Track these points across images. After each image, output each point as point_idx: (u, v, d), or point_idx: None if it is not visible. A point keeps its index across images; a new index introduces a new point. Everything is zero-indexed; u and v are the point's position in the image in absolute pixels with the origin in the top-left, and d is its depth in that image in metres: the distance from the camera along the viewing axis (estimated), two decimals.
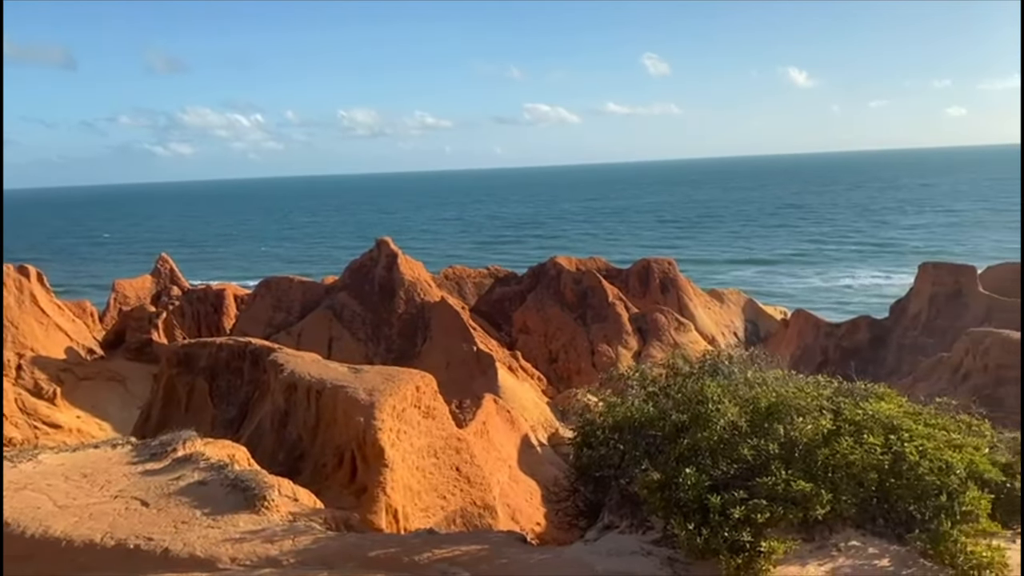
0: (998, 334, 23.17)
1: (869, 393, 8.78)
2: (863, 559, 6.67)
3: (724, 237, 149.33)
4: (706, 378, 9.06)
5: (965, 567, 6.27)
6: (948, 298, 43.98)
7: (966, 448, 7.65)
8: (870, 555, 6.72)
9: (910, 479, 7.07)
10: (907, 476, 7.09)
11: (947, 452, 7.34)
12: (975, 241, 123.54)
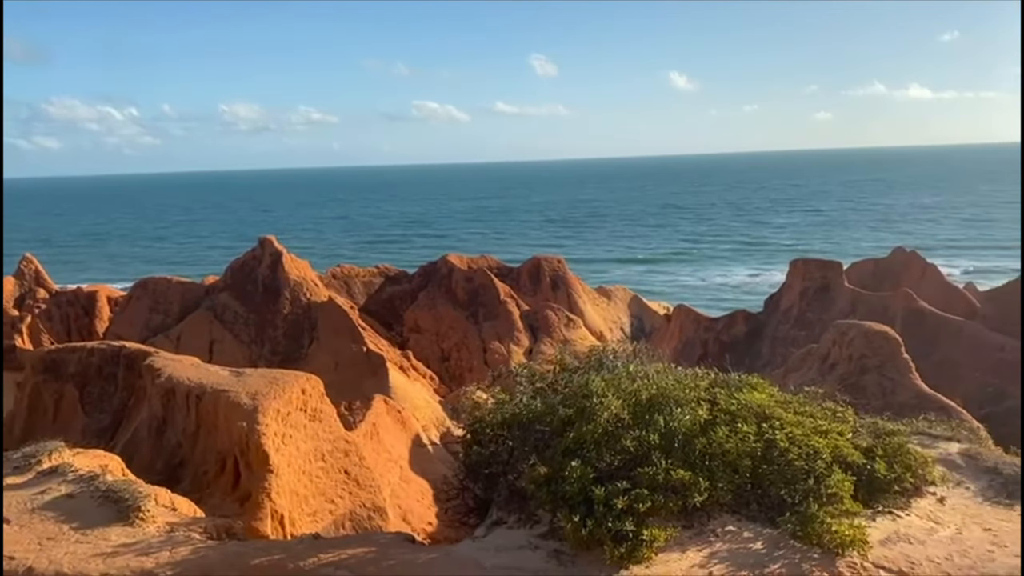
0: (861, 326, 24.77)
1: (743, 384, 9.21)
2: (738, 543, 6.99)
3: (610, 236, 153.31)
4: (592, 373, 9.26)
5: (831, 546, 6.67)
6: (817, 292, 46.60)
7: (831, 434, 8.15)
8: (745, 539, 7.05)
9: (781, 465, 7.46)
10: (778, 462, 7.48)
11: (814, 438, 7.80)
12: (840, 239, 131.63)
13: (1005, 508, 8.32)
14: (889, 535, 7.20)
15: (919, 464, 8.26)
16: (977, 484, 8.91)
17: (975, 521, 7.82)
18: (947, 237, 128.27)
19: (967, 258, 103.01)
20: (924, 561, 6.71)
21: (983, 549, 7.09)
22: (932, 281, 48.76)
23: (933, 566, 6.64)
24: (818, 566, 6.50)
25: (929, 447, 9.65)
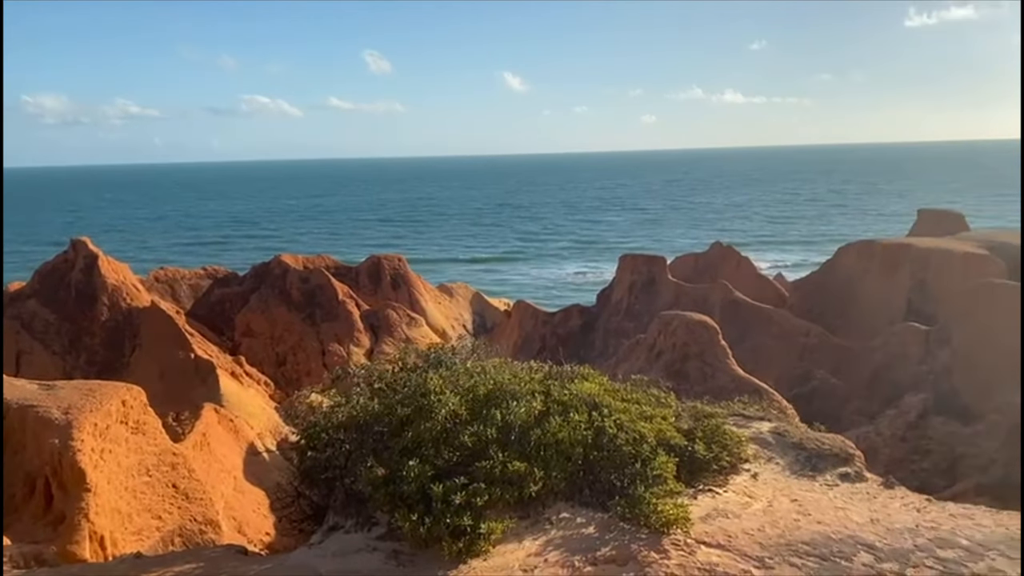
0: (683, 316, 26.31)
1: (575, 375, 9.56)
2: (572, 529, 7.25)
3: (450, 234, 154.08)
4: (430, 371, 9.28)
5: (656, 525, 7.04)
6: (644, 286, 48.98)
7: (656, 418, 8.61)
8: (578, 524, 7.32)
9: (610, 450, 7.80)
10: (608, 448, 7.81)
11: (640, 423, 8.21)
12: (663, 235, 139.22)
13: (808, 479, 9.13)
14: (709, 511, 7.70)
15: (734, 443, 8.90)
16: (785, 459, 9.70)
17: (783, 493, 8.52)
18: (758, 232, 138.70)
19: (775, 252, 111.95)
20: (740, 533, 7.23)
21: (791, 519, 7.73)
22: (746, 273, 52.62)
23: (748, 537, 7.17)
24: (645, 545, 6.85)
25: (744, 427, 10.40)
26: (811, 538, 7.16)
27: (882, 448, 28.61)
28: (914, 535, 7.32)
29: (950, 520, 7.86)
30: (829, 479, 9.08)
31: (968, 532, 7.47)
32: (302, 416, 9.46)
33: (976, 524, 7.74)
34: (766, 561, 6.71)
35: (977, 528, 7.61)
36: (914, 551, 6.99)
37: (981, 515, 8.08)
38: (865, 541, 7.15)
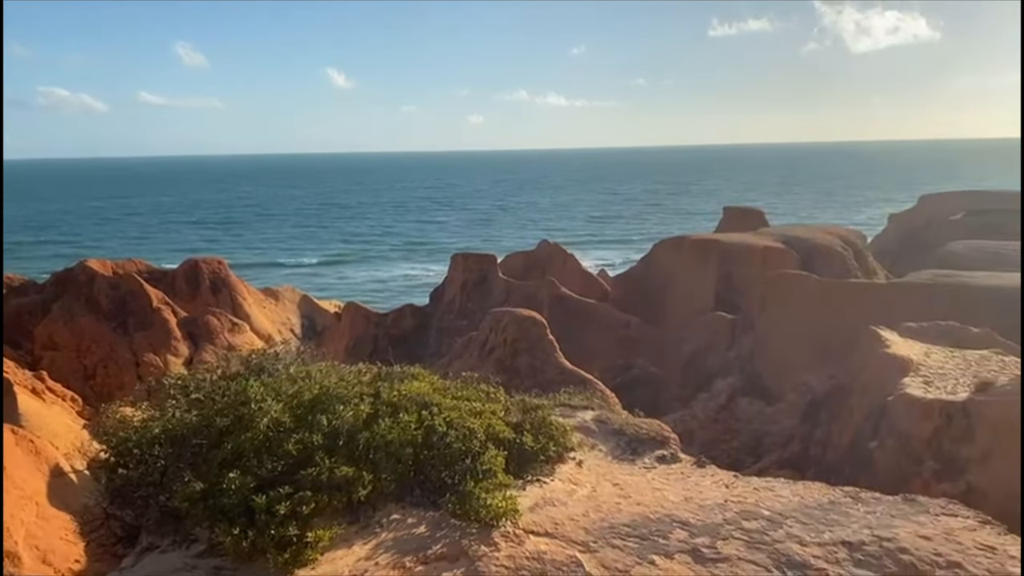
0: (513, 312, 26.92)
1: (405, 375, 9.52)
2: (403, 530, 7.21)
3: (273, 235, 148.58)
4: (251, 379, 8.91)
5: (486, 519, 7.15)
6: (476, 284, 49.57)
7: (485, 414, 8.73)
8: (409, 525, 7.29)
9: (440, 448, 7.83)
10: (438, 446, 7.84)
11: (469, 419, 8.30)
12: (493, 234, 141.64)
13: (629, 464, 9.61)
14: (537, 501, 7.92)
15: (560, 433, 9.21)
16: (607, 445, 10.16)
17: (606, 478, 8.91)
18: (582, 231, 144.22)
19: (598, 249, 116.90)
20: (566, 520, 7.48)
21: (613, 502, 8.10)
22: (572, 270, 54.52)
23: (573, 524, 7.43)
24: (476, 539, 6.93)
25: (569, 417, 10.78)
26: (631, 520, 7.54)
27: (697, 430, 30.61)
28: (723, 510, 7.88)
29: (754, 494, 8.53)
30: (648, 462, 9.60)
31: (769, 503, 8.13)
32: (111, 432, 8.77)
33: (776, 496, 8.45)
34: (590, 545, 6.99)
35: (777, 499, 8.31)
36: (723, 524, 7.53)
37: (780, 487, 8.82)
38: (680, 518, 7.62)
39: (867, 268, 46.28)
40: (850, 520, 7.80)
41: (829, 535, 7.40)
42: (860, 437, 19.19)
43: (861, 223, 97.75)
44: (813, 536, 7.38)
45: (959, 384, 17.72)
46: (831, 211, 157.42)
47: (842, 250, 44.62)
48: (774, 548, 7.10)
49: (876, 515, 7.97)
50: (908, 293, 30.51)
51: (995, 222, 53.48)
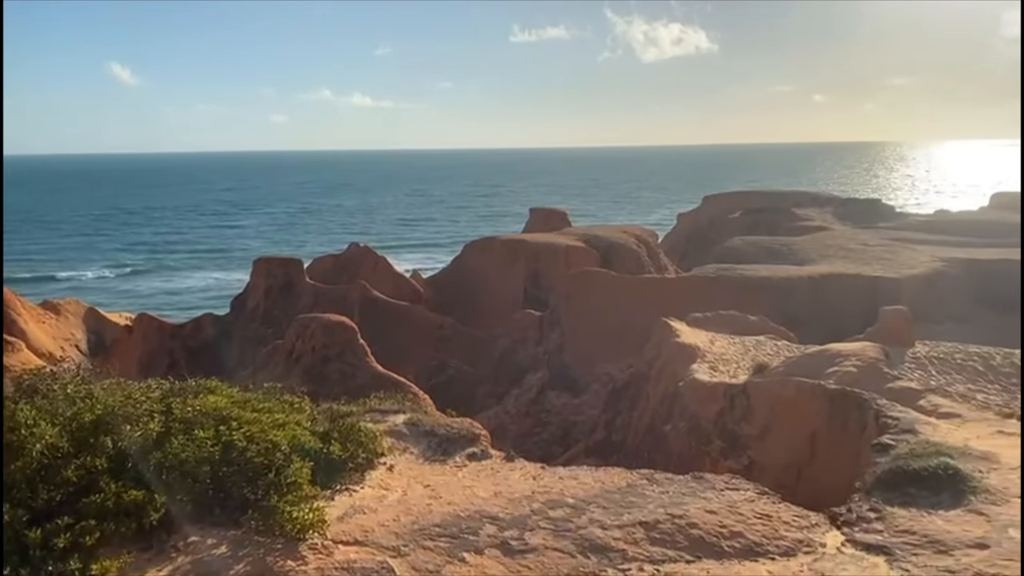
0: (321, 318, 26.24)
1: (200, 389, 8.98)
2: (202, 552, 6.81)
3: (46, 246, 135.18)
4: (21, 402, 8.05)
5: (292, 533, 6.91)
6: (281, 290, 47.89)
7: (289, 425, 8.43)
8: (209, 547, 6.89)
9: (241, 464, 7.46)
10: (238, 462, 7.46)
11: (272, 432, 7.97)
12: (297, 238, 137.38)
13: (440, 464, 9.65)
14: (346, 510, 7.76)
15: (370, 439, 9.08)
16: (419, 447, 10.15)
17: (418, 480, 8.90)
18: (393, 233, 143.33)
19: (410, 251, 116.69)
20: (376, 527, 7.39)
21: (424, 504, 8.11)
22: (383, 272, 54.05)
23: (384, 529, 7.36)
24: (282, 555, 6.69)
25: (380, 422, 10.65)
26: (442, 520, 7.58)
27: (510, 425, 31.40)
28: (531, 501, 8.12)
29: (560, 483, 8.85)
30: (459, 461, 9.69)
31: (573, 491, 8.48)
32: None
33: (580, 483, 8.82)
34: (401, 549, 6.95)
35: (581, 487, 8.68)
36: (531, 515, 7.76)
37: (584, 475, 9.22)
38: (490, 513, 7.76)
39: (659, 264, 49.54)
40: (646, 501, 8.30)
41: (628, 517, 7.84)
42: (656, 421, 20.51)
43: (654, 222, 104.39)
44: (613, 519, 7.78)
45: (740, 368, 19.39)
46: (627, 212, 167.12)
47: (637, 248, 47.47)
48: (578, 534, 7.42)
49: (669, 494, 8.54)
50: (695, 286, 32.99)
51: (766, 220, 59.05)
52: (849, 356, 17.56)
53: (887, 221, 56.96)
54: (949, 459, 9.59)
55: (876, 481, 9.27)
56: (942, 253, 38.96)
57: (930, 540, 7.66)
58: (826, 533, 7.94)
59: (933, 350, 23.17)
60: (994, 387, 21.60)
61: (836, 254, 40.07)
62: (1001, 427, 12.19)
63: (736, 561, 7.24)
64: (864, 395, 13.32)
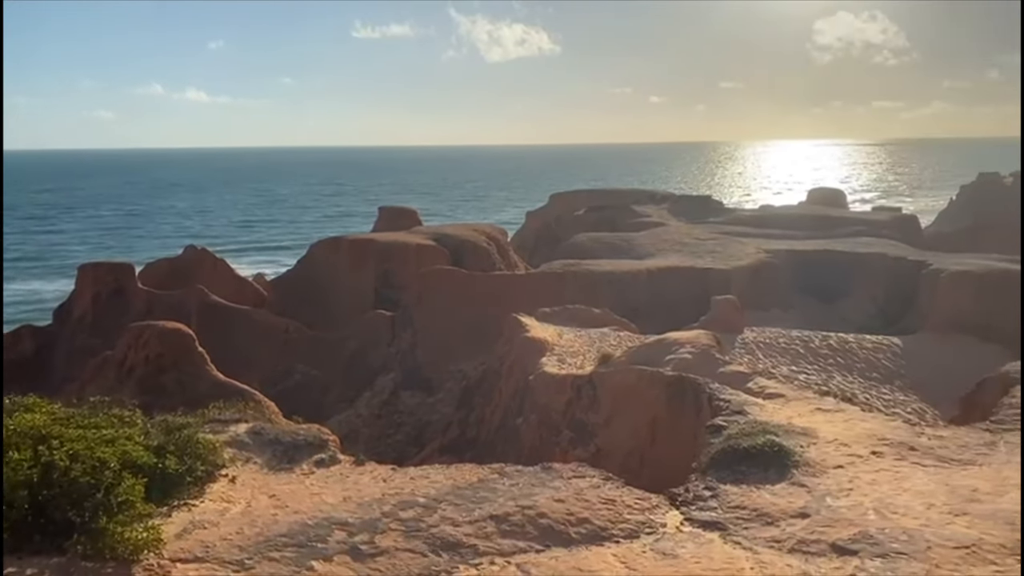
0: (155, 326, 24.75)
1: (16, 407, 8.27)
2: None
3: None
4: None
5: (125, 554, 6.49)
6: (111, 297, 44.76)
7: (119, 441, 7.90)
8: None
9: (63, 486, 6.91)
10: (60, 484, 6.91)
11: (100, 449, 7.44)
12: (125, 242, 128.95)
13: (287, 472, 9.35)
14: (185, 526, 7.38)
15: (208, 451, 8.67)
16: (263, 456, 9.79)
17: (262, 491, 8.58)
18: (232, 235, 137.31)
19: (252, 253, 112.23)
20: (218, 541, 7.07)
21: (269, 515, 7.83)
22: (223, 276, 51.64)
23: (226, 543, 7.05)
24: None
25: (220, 432, 10.19)
26: (288, 529, 7.36)
27: (362, 428, 30.91)
28: (381, 504, 8.03)
29: (411, 483, 8.81)
30: (305, 467, 9.44)
31: (425, 490, 8.47)
32: None
33: (431, 482, 8.82)
34: (245, 563, 6.68)
35: (432, 485, 8.67)
36: (381, 518, 7.67)
37: (435, 473, 9.22)
38: (339, 519, 7.61)
39: (510, 261, 50.30)
40: (497, 495, 8.41)
41: (479, 512, 7.91)
42: (508, 415, 20.84)
43: (504, 221, 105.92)
44: (465, 515, 7.83)
45: (586, 359, 20.03)
46: (476, 210, 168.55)
47: (487, 245, 47.96)
48: (430, 533, 7.41)
49: (519, 487, 8.69)
50: (543, 281, 33.75)
51: (608, 217, 61.29)
52: (684, 344, 18.53)
53: (717, 216, 60.57)
54: (775, 437, 10.33)
55: (710, 461, 9.85)
56: (766, 245, 41.86)
57: (759, 513, 8.22)
58: (666, 513, 8.34)
59: (760, 336, 24.89)
60: (813, 367, 23.50)
61: (672, 248, 42.21)
62: (819, 405, 13.26)
63: (584, 547, 7.48)
64: (699, 380, 14.10)
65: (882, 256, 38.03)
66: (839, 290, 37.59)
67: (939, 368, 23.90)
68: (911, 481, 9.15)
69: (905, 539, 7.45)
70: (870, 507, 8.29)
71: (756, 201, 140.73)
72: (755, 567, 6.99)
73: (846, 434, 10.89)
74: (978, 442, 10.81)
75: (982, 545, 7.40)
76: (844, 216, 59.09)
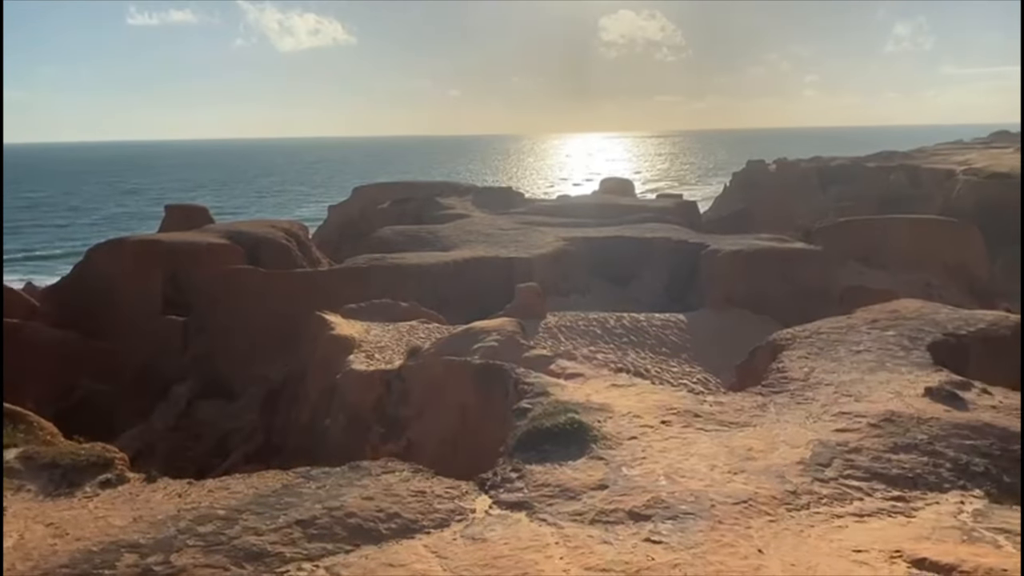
0: None
1: None
2: None
3: None
4: None
5: None
6: None
7: None
8: None
9: None
10: None
11: None
12: None
13: (67, 497, 8.56)
14: None
15: None
16: (38, 483, 8.90)
17: (38, 520, 7.81)
18: None
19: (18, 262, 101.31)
20: None
21: (46, 545, 7.14)
22: None
23: None
24: None
25: None
26: (70, 559, 6.75)
27: (159, 443, 28.88)
28: (176, 521, 7.55)
29: (209, 496, 8.35)
30: (88, 490, 8.69)
31: (225, 502, 8.06)
32: None
33: (231, 493, 8.41)
34: None
35: (232, 496, 8.27)
36: (177, 536, 7.21)
37: (236, 483, 8.80)
38: (129, 542, 7.08)
39: (312, 258, 48.88)
40: (303, 499, 8.17)
41: (284, 518, 7.65)
42: (316, 417, 20.28)
43: (305, 216, 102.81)
44: (269, 523, 7.55)
45: (395, 353, 19.90)
46: (274, 206, 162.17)
47: (287, 242, 46.27)
48: (231, 545, 7.07)
49: (326, 488, 8.50)
50: (348, 277, 33.13)
51: (413, 209, 61.18)
52: (491, 332, 18.92)
53: (518, 207, 62.25)
54: (575, 414, 10.81)
55: (517, 443, 10.14)
56: (564, 233, 43.58)
57: (562, 489, 8.58)
58: (476, 499, 8.50)
59: (561, 320, 25.93)
60: (610, 347, 24.81)
61: (476, 239, 42.83)
62: (614, 381, 14.02)
63: (394, 541, 7.46)
64: (505, 366, 14.45)
65: (666, 240, 40.78)
66: (630, 273, 39.91)
67: (719, 340, 26.01)
68: (696, 446, 9.92)
69: (692, 500, 8.08)
70: (661, 473, 8.90)
71: (552, 191, 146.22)
72: (560, 541, 7.29)
73: (639, 406, 11.60)
74: (752, 405, 11.92)
75: (757, 499, 8.17)
76: (633, 204, 62.71)
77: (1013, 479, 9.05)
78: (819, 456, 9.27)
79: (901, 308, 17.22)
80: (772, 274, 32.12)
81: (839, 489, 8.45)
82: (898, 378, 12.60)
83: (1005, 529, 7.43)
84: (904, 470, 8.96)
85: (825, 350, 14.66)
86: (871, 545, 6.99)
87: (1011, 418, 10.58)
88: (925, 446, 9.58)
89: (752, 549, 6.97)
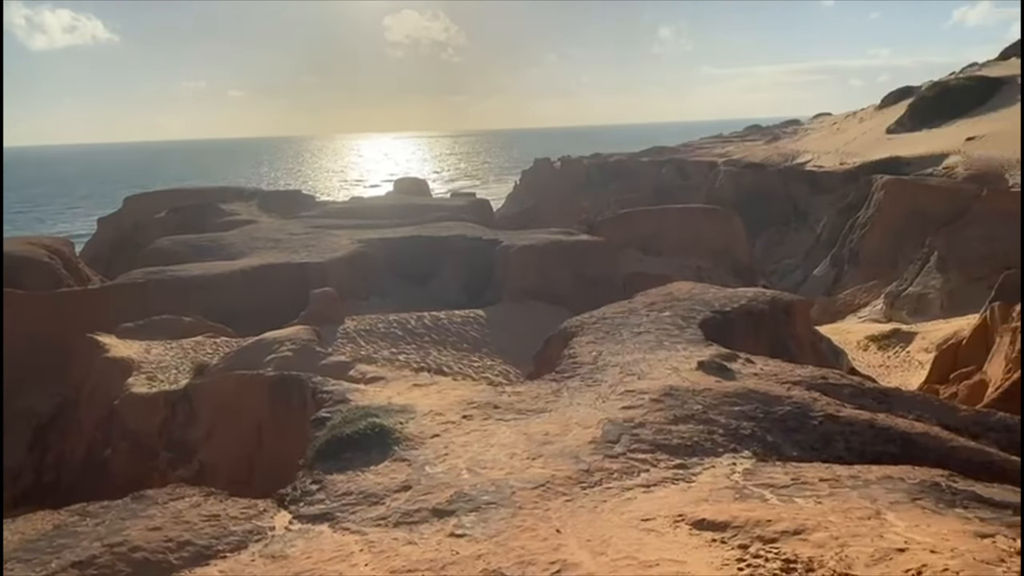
0: None
1: None
2: None
3: None
4: None
5: None
6: None
7: None
8: None
9: None
10: None
11: None
12: None
13: None
14: None
15: None
16: None
17: None
18: None
19: None
20: None
21: None
22: None
23: None
24: None
25: None
26: None
27: None
28: None
29: None
30: None
31: None
32: None
33: None
34: None
35: None
36: None
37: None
38: None
39: (80, 276, 44.65)
40: (79, 539, 7.48)
41: (57, 562, 6.97)
42: (94, 448, 18.59)
43: (70, 232, 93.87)
44: (40, 569, 6.84)
45: (180, 372, 18.68)
46: (32, 221, 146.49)
47: (50, 260, 41.94)
48: None
49: (106, 524, 7.83)
50: (123, 294, 30.63)
51: (193, 217, 57.61)
52: (284, 341, 18.27)
53: (309, 210, 60.46)
54: (376, 419, 10.71)
55: (316, 454, 9.88)
56: (359, 235, 42.91)
57: (365, 495, 8.47)
58: (275, 516, 8.19)
59: (360, 324, 25.55)
60: (412, 347, 24.80)
61: (265, 245, 41.08)
62: (416, 381, 14.06)
63: (187, 571, 7.02)
64: (301, 376, 14.02)
65: (462, 237, 41.35)
66: (429, 272, 40.08)
67: (517, 332, 26.81)
68: (496, 436, 10.17)
69: (494, 490, 8.27)
70: (464, 467, 9.03)
71: (343, 193, 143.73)
72: (364, 548, 7.19)
73: (440, 404, 11.70)
74: (547, 392, 12.40)
75: (554, 481, 8.52)
76: (428, 204, 62.99)
77: (775, 438, 10.08)
78: (608, 434, 9.82)
79: (675, 290, 18.65)
80: (562, 266, 33.57)
81: (627, 463, 9.00)
82: (675, 355, 13.62)
83: (770, 484, 8.26)
84: (684, 439, 9.71)
85: (610, 334, 15.55)
86: (657, 512, 7.51)
87: (771, 383, 11.79)
88: (700, 416, 10.43)
89: (551, 530, 7.25)
